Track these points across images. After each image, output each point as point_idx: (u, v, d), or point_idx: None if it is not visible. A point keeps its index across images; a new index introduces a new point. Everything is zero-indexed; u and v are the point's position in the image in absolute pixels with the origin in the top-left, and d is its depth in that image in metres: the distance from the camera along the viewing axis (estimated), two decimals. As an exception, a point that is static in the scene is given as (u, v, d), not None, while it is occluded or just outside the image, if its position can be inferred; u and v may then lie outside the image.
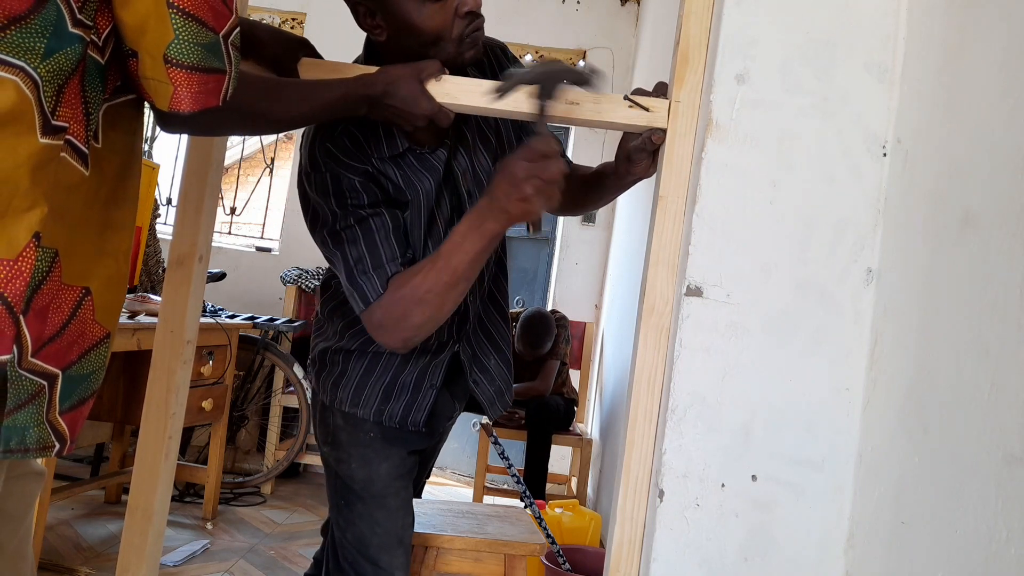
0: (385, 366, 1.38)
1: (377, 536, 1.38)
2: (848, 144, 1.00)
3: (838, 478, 0.97)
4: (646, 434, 1.02)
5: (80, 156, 0.79)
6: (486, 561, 1.77)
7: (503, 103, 1.08)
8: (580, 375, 4.03)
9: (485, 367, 1.45)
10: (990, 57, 0.81)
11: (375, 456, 1.38)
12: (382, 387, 1.37)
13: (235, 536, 2.99)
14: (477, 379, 1.44)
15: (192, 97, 0.83)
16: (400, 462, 1.41)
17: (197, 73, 0.82)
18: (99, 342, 0.86)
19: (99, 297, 0.85)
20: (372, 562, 1.37)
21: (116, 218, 0.87)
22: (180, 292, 1.25)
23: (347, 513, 1.39)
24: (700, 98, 1.05)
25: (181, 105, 0.82)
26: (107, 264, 0.86)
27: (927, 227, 0.89)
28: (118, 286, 0.88)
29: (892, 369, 0.93)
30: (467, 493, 4.04)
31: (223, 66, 0.85)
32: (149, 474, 1.22)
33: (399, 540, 1.40)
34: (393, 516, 1.40)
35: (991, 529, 0.70)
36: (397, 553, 1.39)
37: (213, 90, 0.84)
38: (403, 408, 1.38)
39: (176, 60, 0.80)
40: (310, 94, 1.05)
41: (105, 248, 0.85)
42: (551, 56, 4.48)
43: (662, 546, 0.96)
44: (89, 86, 0.80)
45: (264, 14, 4.55)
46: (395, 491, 1.40)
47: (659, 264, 1.04)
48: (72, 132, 0.78)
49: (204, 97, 0.84)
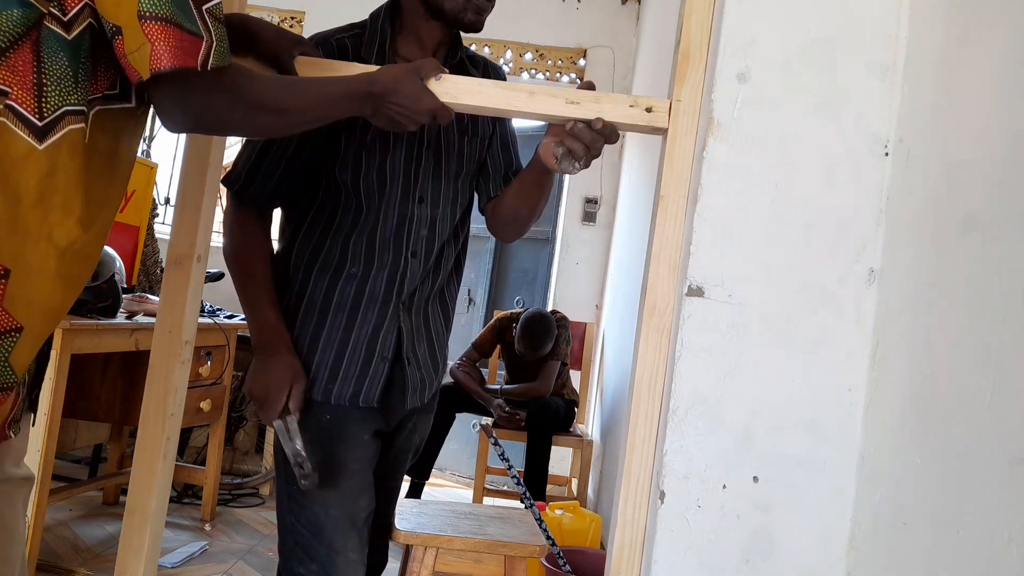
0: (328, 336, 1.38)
1: (331, 519, 1.37)
2: (850, 144, 1.00)
3: (839, 479, 0.97)
4: (647, 435, 1.02)
5: (29, 127, 0.78)
6: (486, 562, 1.77)
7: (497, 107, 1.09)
8: (581, 376, 4.02)
9: (416, 351, 1.45)
10: (991, 57, 0.81)
11: (330, 440, 1.39)
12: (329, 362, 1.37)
13: (233, 537, 2.99)
14: (410, 358, 1.44)
15: (170, 52, 0.80)
16: (358, 446, 1.42)
17: (172, 27, 0.80)
18: (2, 334, 0.80)
19: (18, 284, 0.80)
20: (326, 545, 1.37)
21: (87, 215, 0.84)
22: (178, 292, 1.24)
23: (300, 498, 1.38)
24: (701, 97, 1.04)
25: (161, 61, 0.80)
26: (41, 252, 0.81)
27: (929, 227, 0.89)
28: (51, 282, 0.83)
29: (894, 370, 0.92)
30: (467, 494, 4.04)
31: (197, 30, 0.82)
32: (147, 475, 1.22)
33: (352, 522, 1.40)
34: (347, 498, 1.39)
35: (993, 531, 0.69)
36: (351, 535, 1.39)
37: (189, 50, 0.81)
38: (355, 381, 1.38)
39: (149, 13, 0.79)
40: (313, 91, 1.04)
41: (50, 236, 0.81)
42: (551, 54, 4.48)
43: (663, 548, 0.96)
44: (49, 58, 0.78)
45: (263, 12, 4.55)
46: (350, 473, 1.40)
47: (660, 264, 1.04)
48: (16, 99, 0.77)
49: (182, 55, 0.81)
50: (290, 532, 1.40)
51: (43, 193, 0.80)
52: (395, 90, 1.08)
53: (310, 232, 1.40)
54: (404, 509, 1.93)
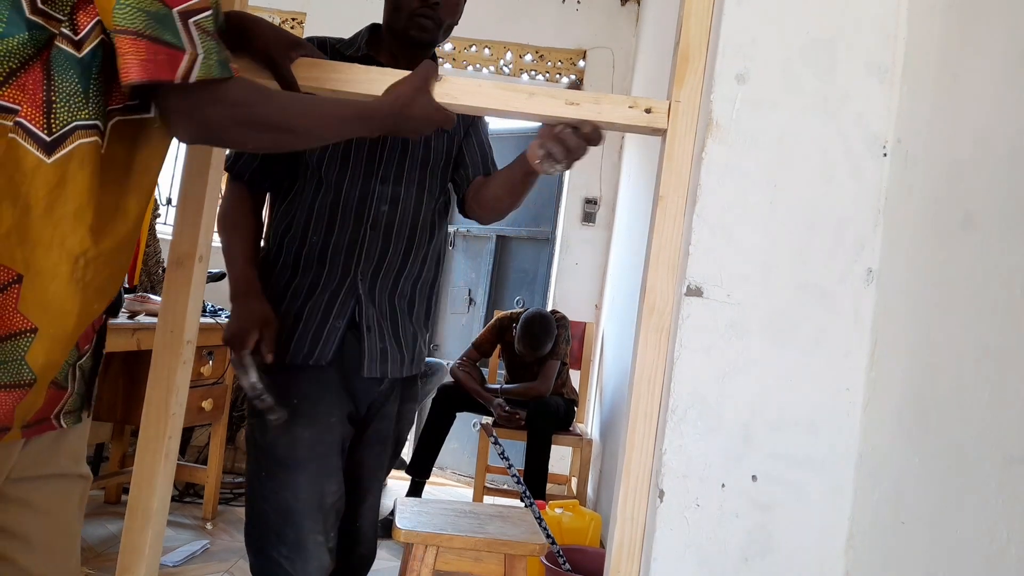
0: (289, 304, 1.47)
1: (300, 502, 1.42)
2: (848, 144, 1.00)
3: (838, 478, 0.97)
4: (646, 434, 1.02)
5: (37, 142, 0.80)
6: (486, 560, 1.78)
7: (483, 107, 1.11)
8: (580, 375, 4.03)
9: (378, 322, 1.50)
10: (990, 57, 0.81)
11: (296, 423, 1.43)
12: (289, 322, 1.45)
13: (235, 536, 2.99)
14: (371, 325, 1.49)
15: (140, 65, 0.80)
16: (326, 428, 1.46)
17: (143, 40, 0.80)
18: (16, 334, 0.83)
19: (31, 289, 0.83)
20: (295, 527, 1.42)
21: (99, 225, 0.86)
22: (180, 292, 1.24)
23: (269, 483, 1.43)
24: (700, 98, 1.04)
25: (130, 74, 0.80)
26: (54, 259, 0.84)
27: (927, 227, 0.89)
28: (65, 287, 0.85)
29: (892, 369, 0.92)
30: (467, 493, 4.04)
31: (178, 43, 0.82)
32: (149, 474, 1.22)
33: (320, 505, 1.44)
34: (315, 481, 1.44)
35: (991, 530, 0.70)
36: (317, 518, 1.44)
37: (164, 63, 0.81)
38: (310, 340, 1.45)
39: (120, 27, 0.80)
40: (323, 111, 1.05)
41: (63, 243, 0.84)
42: (551, 55, 4.48)
43: (662, 546, 0.96)
44: (60, 77, 0.80)
45: (264, 14, 4.55)
46: (318, 456, 1.44)
47: (659, 264, 1.04)
48: (25, 115, 0.79)
49: (154, 68, 0.81)
50: (260, 518, 1.46)
51: (52, 203, 0.83)
52: (408, 115, 1.10)
53: (287, 207, 1.52)
54: (404, 508, 1.94)
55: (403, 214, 1.51)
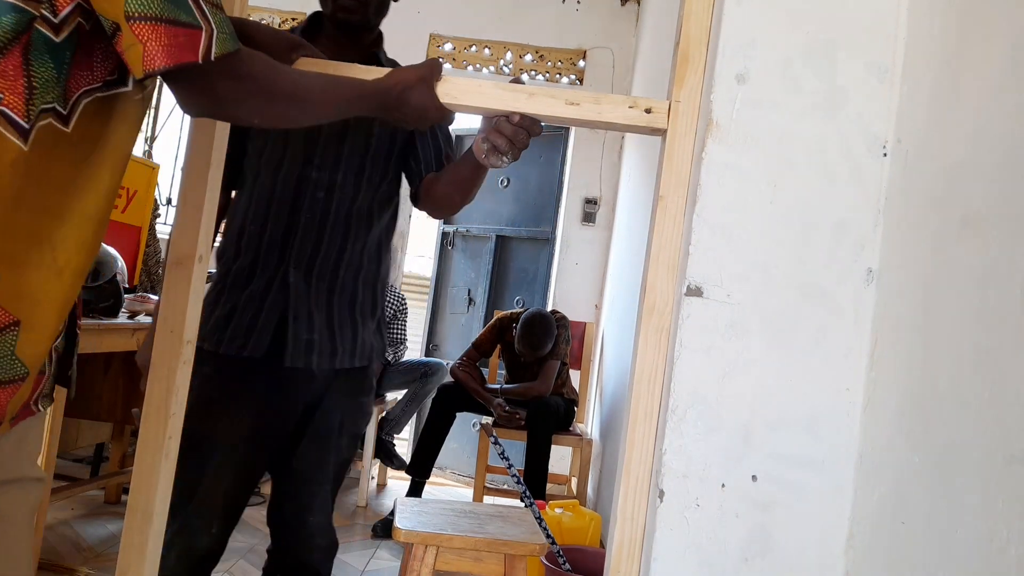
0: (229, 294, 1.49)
1: (202, 486, 1.46)
2: (848, 144, 1.00)
3: (838, 478, 0.97)
4: (646, 434, 1.02)
5: (17, 129, 0.78)
6: (486, 560, 1.78)
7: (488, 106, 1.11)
8: (580, 375, 4.03)
9: (306, 312, 1.49)
10: (990, 57, 0.81)
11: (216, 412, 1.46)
12: (224, 313, 1.47)
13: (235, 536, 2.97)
14: (298, 315, 1.49)
15: (164, 51, 0.78)
16: (249, 422, 1.48)
17: (163, 24, 0.78)
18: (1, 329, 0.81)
19: (9, 281, 0.80)
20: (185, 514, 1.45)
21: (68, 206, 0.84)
22: (180, 292, 1.24)
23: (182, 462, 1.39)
24: (700, 98, 1.05)
25: (155, 62, 0.78)
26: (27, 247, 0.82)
27: (927, 227, 0.89)
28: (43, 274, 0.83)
29: (892, 369, 0.92)
30: (467, 493, 4.04)
31: (194, 21, 0.81)
32: (149, 474, 1.22)
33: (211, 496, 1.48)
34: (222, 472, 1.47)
35: (991, 530, 0.70)
36: (216, 510, 1.49)
37: (186, 44, 0.80)
38: (244, 332, 1.46)
39: (136, 14, 0.78)
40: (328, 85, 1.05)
41: (39, 233, 0.82)
42: (551, 55, 4.49)
43: (662, 546, 0.96)
44: (37, 61, 0.78)
45: (264, 14, 4.55)
46: (230, 448, 1.47)
47: (659, 264, 1.04)
48: (7, 103, 0.76)
49: (177, 51, 0.79)
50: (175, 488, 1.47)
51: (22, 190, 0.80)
52: (405, 99, 1.09)
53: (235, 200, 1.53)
54: (404, 508, 1.94)
55: (339, 202, 1.50)
